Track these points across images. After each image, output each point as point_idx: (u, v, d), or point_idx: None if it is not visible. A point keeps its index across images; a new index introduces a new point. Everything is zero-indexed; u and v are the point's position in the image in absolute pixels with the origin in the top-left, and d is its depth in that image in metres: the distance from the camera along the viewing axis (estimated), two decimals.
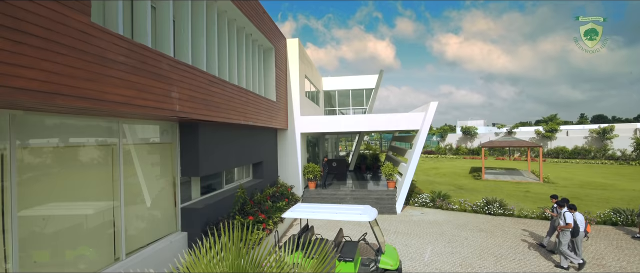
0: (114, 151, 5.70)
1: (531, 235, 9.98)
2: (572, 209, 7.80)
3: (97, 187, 5.37)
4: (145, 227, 6.46)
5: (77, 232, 4.97)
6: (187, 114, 6.03)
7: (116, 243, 5.69)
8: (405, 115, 13.62)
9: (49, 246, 4.54)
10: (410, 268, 7.78)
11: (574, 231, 7.56)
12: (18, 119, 4.14)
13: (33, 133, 4.39)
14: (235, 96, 8.37)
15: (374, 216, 6.87)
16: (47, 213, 4.60)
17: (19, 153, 4.19)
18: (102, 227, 5.43)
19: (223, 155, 8.64)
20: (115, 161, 5.70)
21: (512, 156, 36.13)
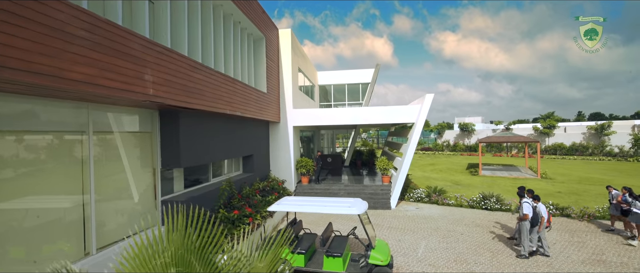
0: (84, 139, 5.31)
1: None
2: (536, 199, 8.00)
3: (63, 178, 4.98)
4: (120, 221, 6.08)
5: (42, 227, 4.58)
6: (164, 99, 5.64)
7: (86, 237, 5.31)
8: (400, 107, 13.26)
9: (10, 242, 4.16)
10: (403, 264, 7.45)
11: (533, 221, 7.72)
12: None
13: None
14: (220, 84, 7.98)
15: (364, 209, 6.51)
16: (7, 207, 4.22)
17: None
18: (70, 221, 5.05)
19: (208, 146, 8.26)
20: (85, 150, 5.30)
21: (510, 153, 35.92)
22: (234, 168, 11.36)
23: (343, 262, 6.46)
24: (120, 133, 6.15)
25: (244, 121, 10.89)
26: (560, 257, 7.74)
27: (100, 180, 5.59)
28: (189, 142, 7.31)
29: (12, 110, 4.24)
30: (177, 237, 2.35)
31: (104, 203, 5.67)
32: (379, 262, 6.24)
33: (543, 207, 7.95)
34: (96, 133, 5.48)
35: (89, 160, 5.29)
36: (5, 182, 4.22)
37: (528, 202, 7.89)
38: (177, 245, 2.32)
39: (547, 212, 7.98)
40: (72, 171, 5.10)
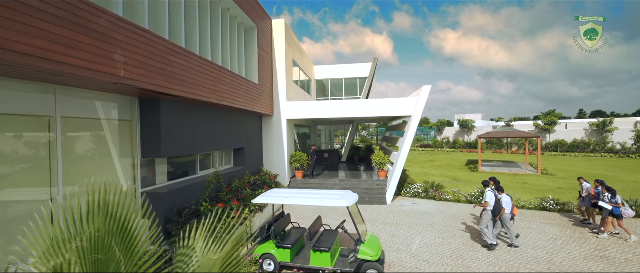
0: (51, 125, 4.94)
1: (528, 227, 9.30)
2: (500, 191, 8.03)
3: (26, 168, 4.62)
4: None
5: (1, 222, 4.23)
6: (138, 83, 5.26)
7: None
8: (397, 100, 12.86)
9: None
10: (396, 260, 7.09)
11: (495, 211, 7.71)
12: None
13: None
14: (204, 71, 7.59)
15: (354, 201, 6.15)
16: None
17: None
18: (34, 215, 4.69)
19: (193, 136, 7.89)
20: (52, 137, 4.94)
21: (510, 149, 35.51)
22: (224, 161, 11.00)
23: (331, 257, 6.10)
24: (95, 120, 5.78)
25: (234, 112, 10.51)
26: (561, 253, 7.37)
27: (70, 170, 5.23)
28: (170, 131, 6.93)
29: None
30: (100, 219, 1.97)
31: (73, 195, 5.30)
32: (368, 257, 5.88)
33: (507, 199, 7.89)
34: (65, 118, 5.11)
35: (57, 147, 4.93)
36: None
37: (491, 192, 7.84)
38: (98, 227, 1.94)
39: (511, 203, 7.90)
40: (36, 160, 4.73)
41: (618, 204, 7.93)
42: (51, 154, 4.93)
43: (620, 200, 7.98)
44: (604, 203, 8.09)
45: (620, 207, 7.94)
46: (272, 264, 6.38)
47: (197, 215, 6.99)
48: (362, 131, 55.07)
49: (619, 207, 7.93)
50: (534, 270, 6.55)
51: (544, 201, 11.14)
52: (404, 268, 6.68)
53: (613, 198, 8.02)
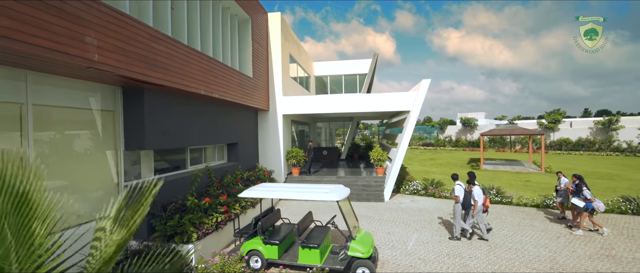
0: (23, 112, 4.69)
1: (531, 225, 8.93)
2: (471, 184, 7.92)
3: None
4: (69, 207, 5.45)
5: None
6: (114, 68, 4.99)
7: None
8: (395, 94, 12.53)
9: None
10: (390, 257, 6.78)
11: (465, 204, 7.74)
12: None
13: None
14: (192, 61, 7.32)
15: (344, 196, 5.84)
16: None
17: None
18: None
19: (181, 129, 7.62)
20: (24, 126, 4.68)
21: (514, 148, 34.98)
22: (217, 156, 10.73)
23: (320, 254, 5.80)
24: (73, 109, 5.53)
25: (227, 106, 10.24)
26: (564, 251, 7.02)
27: (42, 160, 4.97)
28: (156, 122, 6.67)
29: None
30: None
31: (48, 187, 5.04)
32: (358, 254, 5.57)
33: (478, 191, 7.75)
34: (38, 106, 4.85)
35: (28, 135, 4.67)
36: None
37: (460, 185, 7.83)
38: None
39: (483, 196, 7.80)
40: (5, 147, 4.47)
41: (589, 199, 7.79)
42: (23, 141, 4.68)
43: (590, 194, 7.85)
44: (576, 199, 7.99)
45: (593, 201, 7.78)
46: (259, 261, 6.10)
47: (183, 210, 6.73)
48: (364, 130, 54.71)
49: (592, 201, 7.77)
50: (535, 269, 6.21)
51: (547, 198, 10.76)
52: (397, 266, 6.36)
53: (582, 193, 7.94)
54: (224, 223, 7.22)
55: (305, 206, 10.78)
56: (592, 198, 7.79)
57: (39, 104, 4.88)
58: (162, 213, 6.38)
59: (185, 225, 6.29)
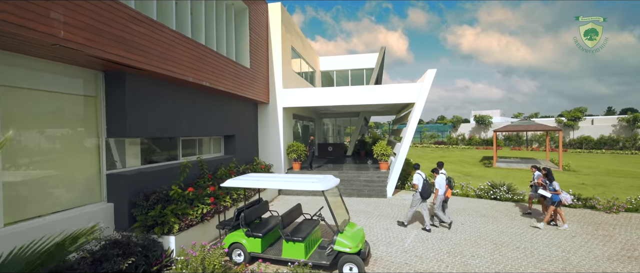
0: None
1: None
2: (435, 172, 7.90)
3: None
4: (44, 194, 5.25)
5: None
6: (83, 47, 4.73)
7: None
8: (399, 85, 11.96)
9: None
10: (385, 254, 6.30)
11: (423, 193, 7.66)
12: None
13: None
14: (178, 46, 7.04)
15: (331, 186, 5.41)
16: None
17: None
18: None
19: (169, 118, 7.36)
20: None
21: (530, 146, 33.51)
22: (213, 148, 10.48)
23: (306, 248, 5.40)
24: (49, 92, 5.32)
25: (223, 97, 9.96)
26: (579, 252, 6.36)
27: (11, 144, 4.77)
28: (139, 109, 6.42)
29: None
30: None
31: (14, 173, 4.84)
32: (345, 249, 5.13)
33: (441, 180, 7.69)
34: (5, 87, 4.64)
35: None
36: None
37: (420, 174, 7.79)
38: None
39: (445, 184, 7.69)
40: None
41: (557, 191, 7.63)
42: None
43: (558, 187, 7.68)
44: (543, 190, 7.90)
45: (559, 193, 7.62)
46: (242, 254, 5.75)
47: (166, 200, 6.45)
48: (376, 129, 53.88)
49: (558, 193, 7.61)
50: (545, 269, 5.60)
51: None
52: (391, 264, 5.88)
53: (550, 185, 7.78)
54: (210, 215, 6.91)
55: (304, 200, 10.38)
56: (559, 191, 7.64)
57: (7, 85, 4.67)
58: (144, 202, 6.11)
59: (167, 216, 6.01)
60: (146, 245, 5.60)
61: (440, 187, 7.62)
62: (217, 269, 5.06)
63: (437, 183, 7.67)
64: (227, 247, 5.82)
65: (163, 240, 5.95)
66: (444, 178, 7.68)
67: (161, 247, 5.87)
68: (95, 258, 4.88)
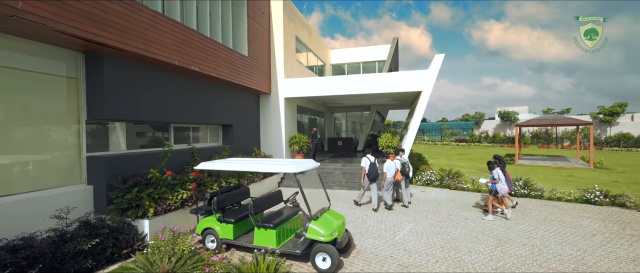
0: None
1: (560, 220, 7.34)
2: (386, 157, 8.29)
3: None
4: (21, 173, 5.21)
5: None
6: (43, 20, 4.59)
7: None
8: (404, 73, 11.29)
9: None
10: (370, 246, 5.77)
11: (369, 174, 8.03)
12: None
13: None
14: (160, 27, 6.87)
15: (304, 169, 4.97)
16: None
17: None
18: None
19: (154, 102, 7.22)
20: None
21: (560, 144, 31.15)
22: (210, 137, 10.35)
23: (277, 236, 5.00)
24: (26, 72, 5.29)
25: (219, 85, 9.78)
26: (598, 251, 5.52)
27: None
28: (119, 92, 6.30)
29: None
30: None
31: None
32: (318, 238, 4.68)
33: (389, 164, 8.02)
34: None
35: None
36: None
37: (367, 158, 8.14)
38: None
39: (394, 168, 8.04)
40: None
41: (495, 180, 7.37)
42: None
43: (496, 176, 7.37)
44: (483, 179, 7.87)
45: (497, 182, 7.34)
46: (215, 241, 5.45)
47: (145, 184, 6.29)
48: (396, 128, 52.45)
49: (496, 182, 7.34)
50: (552, 269, 4.86)
51: (588, 192, 8.94)
52: (374, 256, 5.35)
53: (491, 174, 7.54)
54: (192, 201, 6.68)
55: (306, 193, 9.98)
56: (497, 179, 7.34)
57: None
58: (121, 185, 5.98)
59: (142, 199, 5.83)
60: (117, 228, 5.46)
61: (388, 170, 7.96)
62: (185, 254, 4.79)
63: (385, 167, 8.01)
64: (200, 233, 5.55)
65: (138, 224, 5.79)
66: (393, 164, 8.05)
67: (135, 230, 5.71)
68: (60, 238, 4.76)
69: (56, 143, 5.77)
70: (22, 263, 3.99)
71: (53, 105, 5.74)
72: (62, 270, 4.42)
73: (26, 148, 5.33)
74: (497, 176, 7.34)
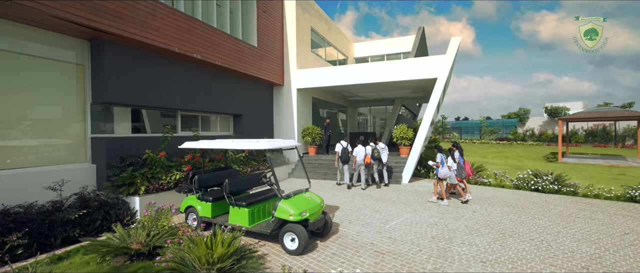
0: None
1: (589, 217, 6.37)
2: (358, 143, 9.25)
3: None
4: (29, 149, 5.73)
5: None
6: (45, 7, 4.98)
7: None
8: (418, 59, 10.63)
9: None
10: (355, 233, 5.45)
11: (342, 157, 9.42)
12: None
13: None
14: (159, 15, 7.15)
15: (275, 146, 4.83)
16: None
17: None
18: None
19: (157, 89, 7.55)
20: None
21: (621, 143, 27.40)
22: (220, 127, 10.62)
23: (250, 215, 4.91)
24: (37, 58, 5.82)
25: (226, 75, 10.00)
26: (623, 251, 4.66)
27: (7, 103, 5.26)
28: (121, 77, 6.67)
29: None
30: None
31: (6, 127, 5.35)
32: (286, 217, 4.50)
33: (359, 149, 9.08)
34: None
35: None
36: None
37: (340, 144, 9.54)
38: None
39: (364, 153, 9.03)
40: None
41: (436, 163, 7.46)
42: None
43: (439, 159, 7.40)
44: (432, 162, 7.92)
45: (438, 165, 7.40)
46: (196, 218, 5.52)
47: (141, 164, 6.59)
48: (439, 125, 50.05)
49: (437, 165, 7.40)
50: (555, 265, 4.17)
51: (632, 189, 7.68)
52: (353, 242, 5.03)
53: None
54: (184, 182, 6.86)
55: (313, 184, 9.84)
56: (438, 163, 7.39)
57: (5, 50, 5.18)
58: (118, 164, 6.32)
59: (135, 178, 6.11)
60: (111, 203, 5.76)
61: (357, 154, 9.07)
62: (164, 230, 4.91)
63: (355, 151, 9.12)
64: (183, 211, 5.67)
65: (130, 201, 6.07)
66: (363, 149, 9.08)
67: (127, 206, 5.99)
68: (54, 207, 5.12)
69: (64, 123, 6.26)
70: (10, 225, 4.34)
71: (63, 89, 6.24)
72: (50, 235, 4.74)
73: (38, 127, 5.85)
74: (440, 160, 7.40)
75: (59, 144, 6.18)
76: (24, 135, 5.69)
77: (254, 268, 3.71)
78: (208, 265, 3.54)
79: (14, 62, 5.52)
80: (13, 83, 5.53)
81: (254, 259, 3.92)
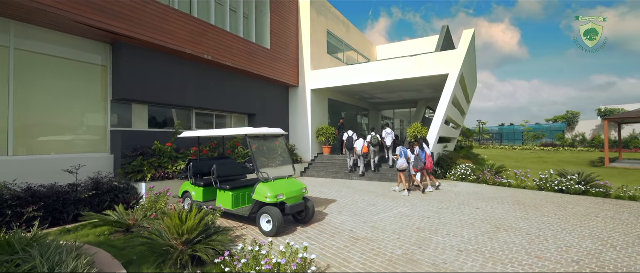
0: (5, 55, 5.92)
1: (611, 217, 5.70)
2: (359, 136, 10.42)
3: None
4: (52, 137, 6.55)
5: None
6: (69, 15, 5.74)
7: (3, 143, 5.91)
8: (428, 55, 10.35)
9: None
10: (338, 221, 5.43)
11: (348, 145, 10.67)
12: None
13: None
14: (172, 20, 7.81)
15: (259, 132, 5.03)
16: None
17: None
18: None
19: (171, 88, 8.20)
20: (4, 64, 5.89)
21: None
22: (235, 126, 11.14)
23: (233, 199, 5.15)
24: (64, 60, 6.69)
25: (240, 76, 10.52)
26: (631, 249, 4.14)
27: (22, 95, 6.11)
28: (137, 77, 7.39)
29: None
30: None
31: (30, 117, 6.20)
32: (262, 199, 4.65)
33: (359, 142, 10.29)
34: (19, 51, 6.04)
35: (8, 72, 5.87)
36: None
37: (347, 133, 10.77)
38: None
39: (363, 144, 10.19)
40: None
41: (396, 156, 7.84)
42: (2, 77, 5.88)
43: (398, 152, 7.80)
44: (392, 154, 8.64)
45: (397, 158, 7.82)
46: (191, 203, 5.89)
47: (151, 155, 7.17)
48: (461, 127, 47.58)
49: (397, 158, 7.82)
50: (540, 258, 3.83)
51: None
52: (334, 228, 5.03)
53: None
54: None
55: (323, 181, 9.93)
56: (398, 155, 7.85)
57: (20, 49, 6.07)
58: (131, 154, 6.96)
59: (144, 166, 6.68)
60: (119, 188, 6.33)
61: (357, 145, 10.32)
62: (160, 211, 5.33)
63: (354, 142, 10.48)
64: (180, 196, 6.07)
65: (138, 187, 6.63)
66: (362, 141, 10.27)
67: (135, 191, 6.55)
68: (71, 188, 5.78)
69: (89, 118, 7.07)
70: (29, 199, 5.01)
71: (90, 88, 7.08)
72: (64, 212, 5.37)
73: (68, 120, 6.68)
74: (399, 152, 7.85)
75: (83, 136, 6.98)
76: (56, 126, 6.52)
77: (221, 242, 3.90)
78: (178, 235, 3.79)
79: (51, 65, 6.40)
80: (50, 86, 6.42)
81: (225, 235, 4.11)
